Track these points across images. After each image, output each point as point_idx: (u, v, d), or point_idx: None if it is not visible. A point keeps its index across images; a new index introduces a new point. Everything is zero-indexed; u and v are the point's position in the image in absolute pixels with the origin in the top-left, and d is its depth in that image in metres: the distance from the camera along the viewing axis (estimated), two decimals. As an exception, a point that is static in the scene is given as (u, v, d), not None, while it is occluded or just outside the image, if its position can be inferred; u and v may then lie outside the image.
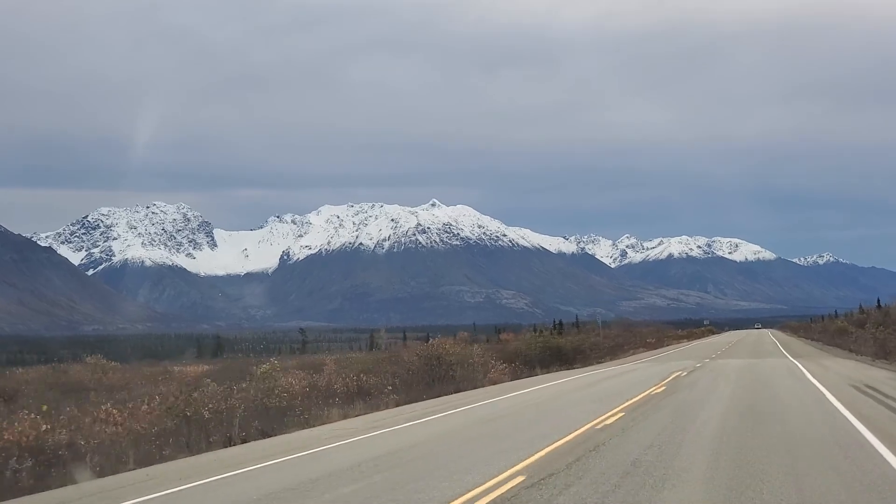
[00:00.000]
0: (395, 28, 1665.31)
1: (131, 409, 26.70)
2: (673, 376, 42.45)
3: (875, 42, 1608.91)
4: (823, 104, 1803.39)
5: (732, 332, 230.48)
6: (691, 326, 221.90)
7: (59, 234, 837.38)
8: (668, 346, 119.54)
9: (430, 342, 44.91)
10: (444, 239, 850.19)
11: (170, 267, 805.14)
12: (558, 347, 63.74)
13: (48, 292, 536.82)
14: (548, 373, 55.08)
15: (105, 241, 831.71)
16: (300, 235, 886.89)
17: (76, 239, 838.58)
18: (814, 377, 40.77)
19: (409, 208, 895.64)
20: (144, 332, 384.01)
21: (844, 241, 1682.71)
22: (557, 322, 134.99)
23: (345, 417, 29.50)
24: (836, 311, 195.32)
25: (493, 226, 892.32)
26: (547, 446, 18.83)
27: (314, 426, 27.27)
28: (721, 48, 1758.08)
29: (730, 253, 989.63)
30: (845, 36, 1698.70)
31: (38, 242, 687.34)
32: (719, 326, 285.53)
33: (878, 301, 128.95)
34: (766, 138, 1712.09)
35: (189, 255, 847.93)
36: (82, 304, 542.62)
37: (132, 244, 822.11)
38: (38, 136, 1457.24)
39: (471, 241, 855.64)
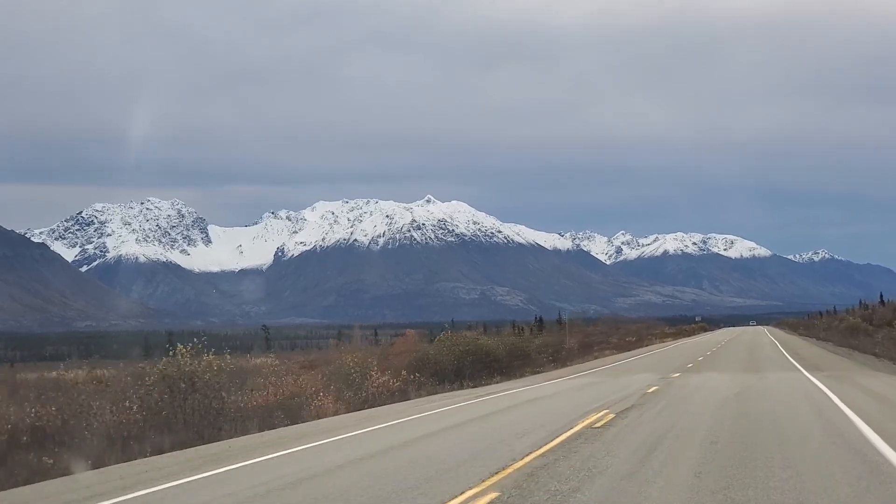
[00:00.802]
0: (392, 25, 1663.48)
1: None
2: (581, 425, 21.90)
3: (871, 39, 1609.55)
4: (820, 101, 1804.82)
5: (725, 330, 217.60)
6: (683, 323, 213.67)
7: (53, 231, 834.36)
8: (645, 346, 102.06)
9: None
10: (439, 235, 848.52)
11: (164, 263, 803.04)
12: (486, 352, 47.97)
13: (41, 289, 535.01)
14: (441, 392, 38.85)
15: (99, 238, 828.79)
16: (295, 232, 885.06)
17: (70, 235, 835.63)
18: (883, 437, 18.38)
19: (404, 204, 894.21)
20: (137, 329, 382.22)
21: (840, 238, 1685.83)
22: (538, 318, 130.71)
23: None
24: (834, 308, 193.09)
25: (489, 222, 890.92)
26: None
27: None
28: (718, 45, 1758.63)
29: (725, 250, 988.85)
30: (841, 34, 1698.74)
31: (32, 238, 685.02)
32: (714, 323, 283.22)
33: (881, 296, 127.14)
34: (762, 135, 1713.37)
35: (183, 251, 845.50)
36: (75, 301, 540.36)
37: (126, 240, 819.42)
38: (32, 132, 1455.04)
39: (466, 238, 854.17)
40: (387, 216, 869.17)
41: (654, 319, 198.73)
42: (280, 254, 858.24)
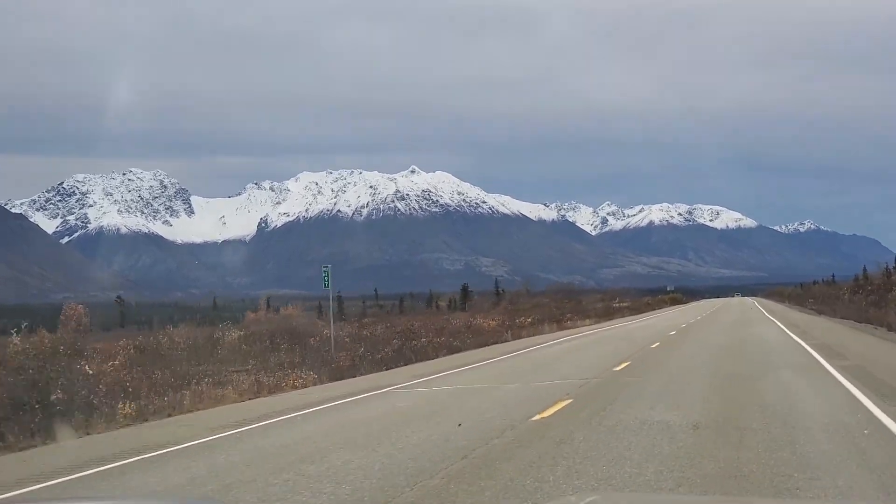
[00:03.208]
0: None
1: None
2: None
3: (856, 9, 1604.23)
4: (804, 72, 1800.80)
5: (703, 303, 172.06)
6: (653, 294, 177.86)
7: (35, 202, 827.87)
8: (511, 340, 50.09)
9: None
10: (424, 206, 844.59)
11: (146, 234, 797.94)
12: None
13: (18, 260, 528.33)
14: None
15: (81, 209, 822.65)
16: (278, 202, 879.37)
17: (51, 206, 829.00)
18: None
19: (388, 175, 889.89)
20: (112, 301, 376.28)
21: (825, 209, 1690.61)
22: (464, 287, 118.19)
23: None
24: (833, 276, 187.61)
25: (473, 193, 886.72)
26: None
27: None
28: (703, 15, 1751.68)
29: (711, 220, 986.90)
30: (825, 3, 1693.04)
31: (12, 210, 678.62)
32: (698, 294, 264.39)
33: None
34: (748, 105, 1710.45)
35: (166, 222, 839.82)
36: (53, 272, 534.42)
37: (108, 211, 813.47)
38: (13, 102, 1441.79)
39: (450, 208, 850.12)
40: (371, 187, 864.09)
41: (620, 290, 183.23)
42: (263, 225, 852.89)
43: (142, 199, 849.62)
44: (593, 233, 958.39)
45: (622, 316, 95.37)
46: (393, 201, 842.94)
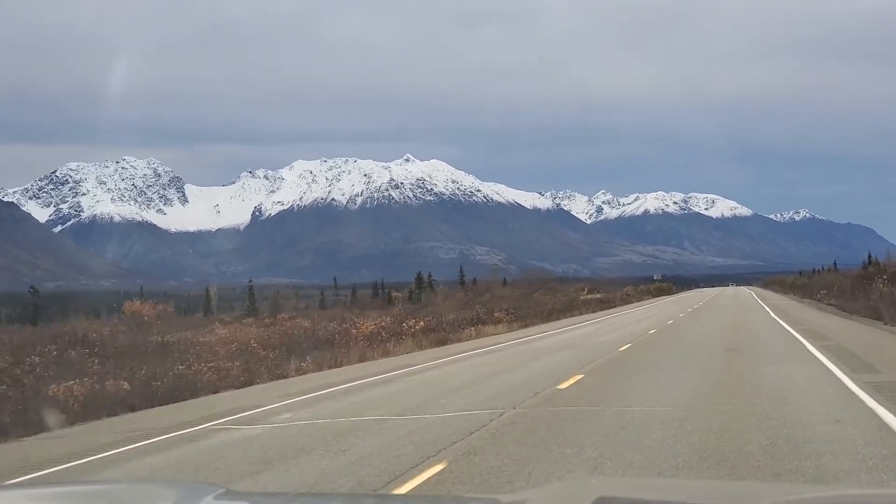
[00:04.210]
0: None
1: None
2: None
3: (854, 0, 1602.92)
4: (802, 61, 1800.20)
5: (696, 293, 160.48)
6: (636, 285, 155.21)
7: (28, 190, 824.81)
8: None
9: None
10: (418, 194, 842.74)
11: (139, 223, 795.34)
12: None
13: (10, 248, 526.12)
14: None
15: (74, 197, 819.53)
16: (272, 191, 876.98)
17: (45, 194, 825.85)
18: None
19: (383, 163, 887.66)
20: (110, 289, 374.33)
21: (821, 198, 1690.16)
22: (420, 277, 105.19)
23: None
24: (835, 263, 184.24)
25: (468, 181, 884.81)
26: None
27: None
28: (699, 5, 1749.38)
29: (706, 209, 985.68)
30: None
31: (4, 198, 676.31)
32: (692, 283, 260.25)
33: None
34: (744, 95, 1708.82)
35: (159, 210, 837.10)
36: (45, 261, 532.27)
37: (101, 200, 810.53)
38: (7, 90, 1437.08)
39: (445, 197, 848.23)
40: (365, 175, 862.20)
41: (609, 279, 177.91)
42: (257, 213, 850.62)
43: (135, 187, 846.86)
44: (588, 221, 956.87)
45: (580, 313, 71.77)
46: (387, 189, 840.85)
